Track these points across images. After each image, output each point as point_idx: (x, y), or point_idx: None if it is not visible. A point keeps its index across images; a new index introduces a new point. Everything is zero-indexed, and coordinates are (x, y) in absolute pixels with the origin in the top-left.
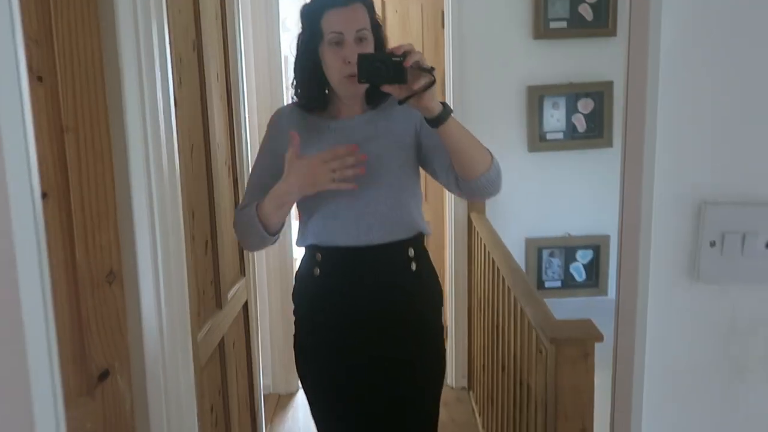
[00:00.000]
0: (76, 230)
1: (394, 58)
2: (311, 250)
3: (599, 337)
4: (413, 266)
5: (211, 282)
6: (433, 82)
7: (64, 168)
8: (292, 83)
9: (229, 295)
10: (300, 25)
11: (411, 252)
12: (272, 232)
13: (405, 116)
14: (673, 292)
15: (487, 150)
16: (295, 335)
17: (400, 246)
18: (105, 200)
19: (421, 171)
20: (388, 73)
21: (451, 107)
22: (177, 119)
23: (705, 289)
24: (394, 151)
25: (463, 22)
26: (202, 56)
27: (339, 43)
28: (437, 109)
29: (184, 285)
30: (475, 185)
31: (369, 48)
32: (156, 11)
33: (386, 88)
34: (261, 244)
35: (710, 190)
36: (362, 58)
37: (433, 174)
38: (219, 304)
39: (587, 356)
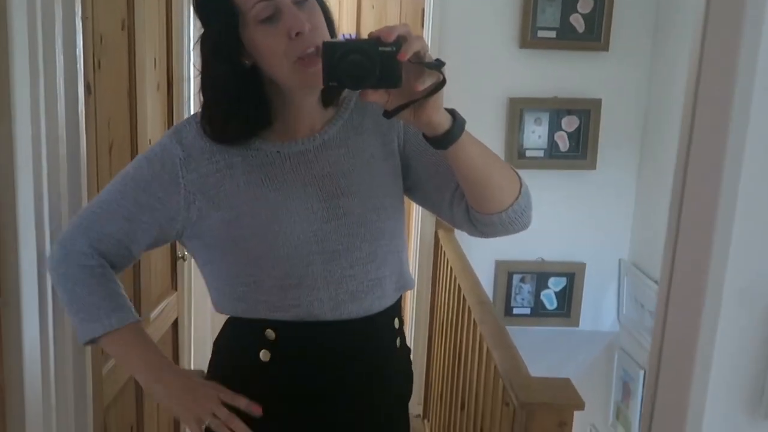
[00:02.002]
0: None
1: (381, 48)
2: (256, 325)
3: (579, 405)
4: (398, 342)
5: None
6: (442, 84)
7: None
8: (202, 110)
9: (154, 315)
10: (201, 22)
11: (396, 322)
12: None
13: (381, 119)
14: None
15: (512, 168)
16: None
17: (387, 316)
18: None
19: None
20: (371, 70)
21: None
22: (90, 110)
23: None
24: (378, 185)
25: (444, 21)
26: (134, 37)
27: (271, 17)
28: (445, 123)
29: None
30: (499, 220)
31: (314, 14)
32: None
33: (370, 96)
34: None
35: None
36: (330, 48)
37: (428, 204)
38: None
39: (564, 426)
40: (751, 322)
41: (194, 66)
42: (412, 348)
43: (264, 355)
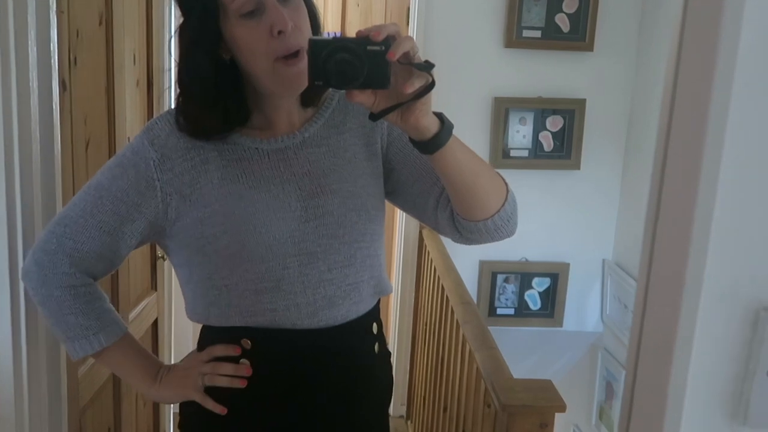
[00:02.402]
0: None
1: (370, 47)
2: (231, 334)
3: (561, 407)
4: (376, 347)
5: None
6: (431, 86)
7: None
8: (177, 103)
9: (132, 315)
10: (181, 11)
11: (375, 328)
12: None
13: (364, 119)
14: None
15: (498, 174)
16: None
17: (364, 322)
18: None
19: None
20: (359, 69)
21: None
22: (65, 106)
23: None
24: (360, 186)
25: (430, 21)
26: (112, 32)
27: (254, 11)
28: (433, 127)
29: None
30: (485, 227)
31: (298, 12)
32: None
33: (357, 96)
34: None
35: None
36: (317, 45)
37: (411, 209)
38: None
39: (545, 427)
40: (730, 324)
41: (174, 59)
42: (395, 349)
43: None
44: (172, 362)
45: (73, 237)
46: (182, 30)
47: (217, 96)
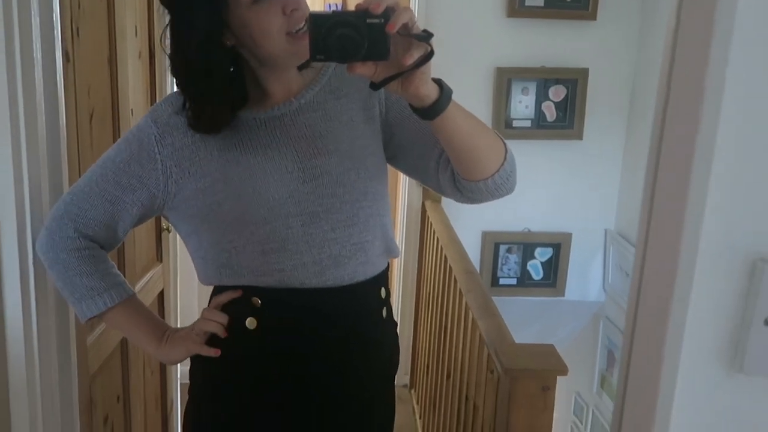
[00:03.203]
0: None
1: (369, 20)
2: (242, 293)
3: (563, 370)
4: (384, 312)
5: None
6: (430, 55)
7: None
8: (185, 102)
9: (139, 286)
10: (179, 7)
11: (383, 292)
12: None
13: (361, 84)
14: (703, 389)
15: (496, 134)
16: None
17: (373, 285)
18: None
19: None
20: (359, 43)
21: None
22: (69, 77)
23: (750, 384)
24: (358, 146)
25: None
26: (113, 3)
27: None
28: (432, 94)
29: None
30: (485, 186)
31: None
32: None
33: (358, 68)
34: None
35: None
36: (317, 20)
37: (412, 172)
38: None
39: (547, 390)
40: (728, 275)
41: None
42: (399, 318)
43: (250, 322)
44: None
45: (78, 204)
46: (186, 24)
47: (230, 88)
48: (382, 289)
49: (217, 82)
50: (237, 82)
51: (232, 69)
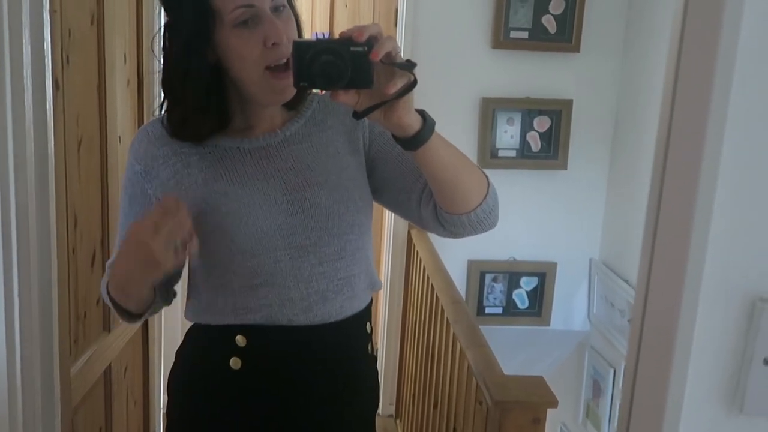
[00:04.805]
0: None
1: (353, 48)
2: (225, 332)
3: (553, 403)
4: (369, 347)
5: (97, 302)
6: (413, 84)
7: None
8: (161, 106)
9: None
10: (170, 15)
11: (368, 327)
12: (136, 315)
13: (345, 117)
14: (704, 429)
15: (479, 169)
16: None
17: (359, 321)
18: None
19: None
20: (343, 70)
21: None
22: (58, 105)
23: (750, 425)
24: (346, 178)
25: (417, 21)
26: (103, 32)
27: (248, 21)
28: (415, 124)
29: (52, 310)
30: (468, 220)
31: (290, 25)
32: None
33: (341, 96)
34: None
35: None
36: (301, 48)
37: (394, 206)
38: (107, 326)
39: (537, 423)
40: (728, 315)
41: (157, 57)
42: (384, 347)
43: (234, 362)
44: (164, 361)
45: (114, 253)
46: (172, 32)
47: (207, 99)
48: (368, 324)
49: (190, 90)
50: (216, 99)
51: (210, 84)
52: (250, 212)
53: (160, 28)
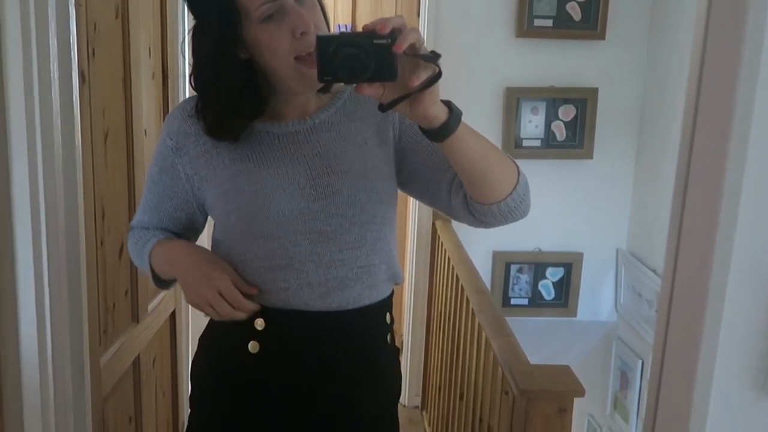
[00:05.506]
0: None
1: (376, 41)
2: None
3: (580, 392)
4: (388, 338)
5: (125, 293)
6: (437, 76)
7: None
8: (197, 106)
9: (151, 306)
10: (196, 17)
11: (388, 317)
12: (166, 283)
13: (375, 109)
14: (732, 412)
15: (509, 158)
16: None
17: (379, 310)
18: None
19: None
20: (366, 63)
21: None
22: (84, 98)
23: None
24: (371, 168)
25: (440, 11)
26: (128, 25)
27: (274, 15)
28: (441, 116)
29: (81, 301)
30: (498, 209)
31: (315, 12)
32: None
33: (365, 90)
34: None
35: None
36: (324, 42)
37: (424, 196)
38: (135, 317)
39: (564, 412)
40: (758, 299)
41: (187, 59)
42: (409, 339)
43: (252, 346)
44: (189, 350)
45: (138, 214)
46: (201, 34)
47: (240, 97)
48: (387, 315)
49: (224, 92)
50: (250, 94)
51: (246, 80)
52: (273, 194)
53: (186, 31)
